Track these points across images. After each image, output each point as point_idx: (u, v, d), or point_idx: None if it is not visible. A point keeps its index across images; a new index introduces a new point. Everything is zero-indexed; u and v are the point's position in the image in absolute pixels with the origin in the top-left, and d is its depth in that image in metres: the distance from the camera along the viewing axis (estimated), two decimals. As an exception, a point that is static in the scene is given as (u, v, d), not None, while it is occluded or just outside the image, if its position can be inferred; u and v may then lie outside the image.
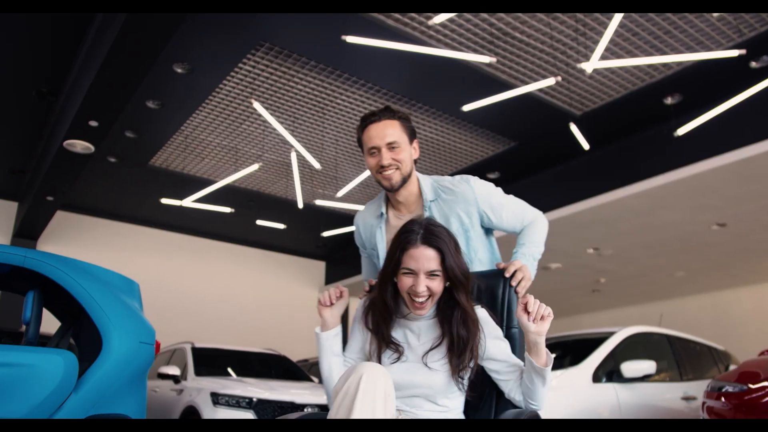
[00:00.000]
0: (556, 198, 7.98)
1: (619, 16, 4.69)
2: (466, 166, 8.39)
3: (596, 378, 4.31)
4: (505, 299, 1.94)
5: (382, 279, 1.82)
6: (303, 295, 12.11)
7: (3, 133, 7.49)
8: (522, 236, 2.14)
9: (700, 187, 6.98)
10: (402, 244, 1.74)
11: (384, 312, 1.81)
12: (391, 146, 1.98)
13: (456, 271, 1.74)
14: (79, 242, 9.76)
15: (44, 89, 6.50)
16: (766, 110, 5.99)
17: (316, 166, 7.13)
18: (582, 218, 7.98)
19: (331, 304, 1.88)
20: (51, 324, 3.53)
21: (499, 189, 2.18)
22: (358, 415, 1.48)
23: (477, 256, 2.09)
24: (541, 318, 1.69)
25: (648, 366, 4.34)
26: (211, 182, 8.28)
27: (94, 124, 5.83)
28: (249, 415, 4.93)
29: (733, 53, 4.79)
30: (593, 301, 12.90)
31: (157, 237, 10.69)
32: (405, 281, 1.73)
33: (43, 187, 7.44)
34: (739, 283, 11.27)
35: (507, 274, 1.94)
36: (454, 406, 1.80)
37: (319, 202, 8.37)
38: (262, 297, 11.38)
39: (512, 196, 2.19)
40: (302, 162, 7.84)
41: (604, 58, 5.48)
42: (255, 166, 7.24)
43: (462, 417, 1.84)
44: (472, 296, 1.85)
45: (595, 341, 4.73)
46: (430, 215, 2.04)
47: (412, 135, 2.06)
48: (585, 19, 5.41)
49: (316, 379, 6.78)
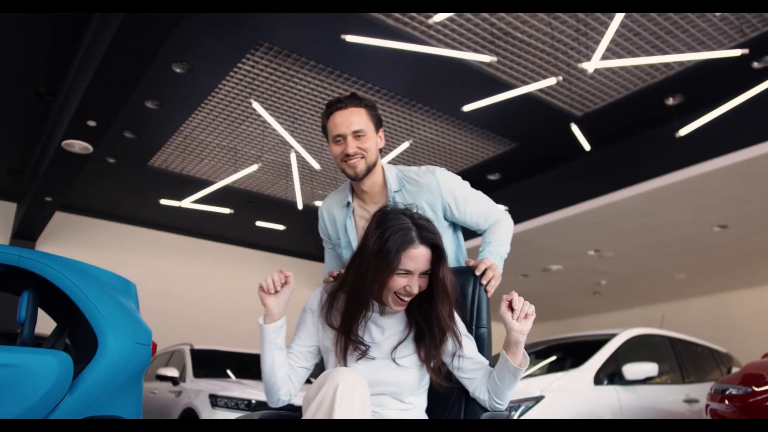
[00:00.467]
0: (557, 199, 7.95)
1: (620, 16, 4.67)
2: (466, 167, 8.36)
3: (598, 380, 4.27)
4: (475, 298, 1.91)
5: (370, 278, 1.63)
6: (302, 296, 12.03)
7: (1, 134, 7.46)
8: (488, 234, 2.11)
9: (701, 189, 6.95)
10: (399, 245, 1.60)
11: (360, 310, 1.69)
12: (357, 134, 1.93)
13: (446, 272, 1.69)
14: (78, 243, 9.73)
15: (42, 89, 6.47)
16: (769, 111, 5.96)
17: (316, 166, 7.10)
18: (583, 219, 7.95)
19: (276, 292, 1.69)
20: (48, 325, 3.50)
21: (467, 183, 2.13)
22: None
23: None
24: (525, 316, 1.66)
25: (650, 368, 4.31)
26: (210, 183, 8.25)
27: (92, 124, 5.80)
28: (247, 417, 4.89)
29: (736, 53, 4.76)
30: (594, 303, 12.86)
31: (156, 238, 10.65)
32: (398, 281, 1.62)
33: (42, 188, 7.40)
34: (740, 285, 11.23)
35: (478, 272, 1.91)
36: (418, 404, 1.76)
37: (318, 203, 8.33)
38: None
39: (479, 193, 2.14)
40: (302, 163, 7.81)
41: (605, 58, 5.44)
42: (254, 167, 7.21)
43: (424, 416, 1.79)
44: None
45: (597, 343, 4.70)
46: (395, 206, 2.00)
47: (378, 123, 2.01)
48: (586, 18, 5.38)
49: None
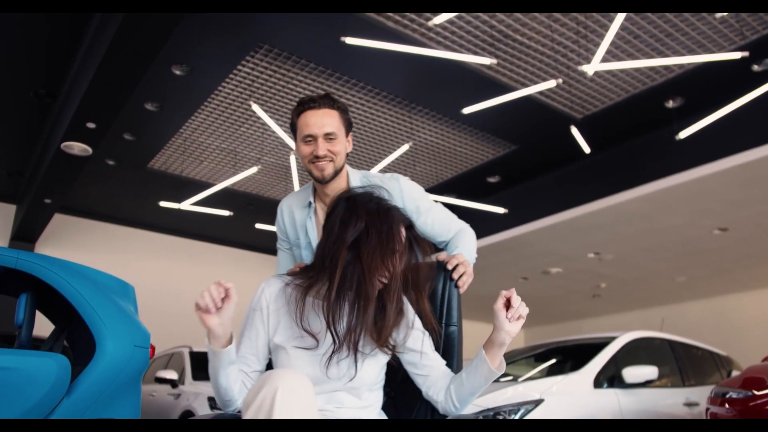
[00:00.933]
0: (557, 202, 7.94)
1: (620, 18, 4.66)
2: (466, 170, 8.36)
3: (597, 383, 4.26)
4: (446, 294, 1.83)
5: (367, 259, 1.55)
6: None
7: (0, 135, 7.45)
8: (454, 241, 2.05)
9: (701, 192, 6.95)
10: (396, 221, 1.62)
11: (303, 298, 1.61)
12: (329, 137, 1.89)
13: None
14: (77, 245, 9.72)
15: (42, 90, 6.47)
16: (769, 114, 5.96)
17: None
18: (583, 222, 7.94)
19: (217, 309, 1.45)
20: (45, 327, 3.49)
21: (429, 195, 2.10)
22: None
23: None
24: (518, 317, 1.62)
25: (650, 371, 4.29)
26: (209, 185, 8.24)
27: (91, 126, 5.79)
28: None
29: (736, 55, 4.76)
30: (594, 306, 12.85)
31: (156, 240, 10.64)
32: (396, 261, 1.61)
33: (41, 190, 7.40)
34: (740, 288, 11.22)
35: (449, 267, 1.85)
36: (375, 400, 1.66)
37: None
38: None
39: (440, 205, 2.10)
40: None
41: (605, 60, 5.44)
42: (254, 169, 7.20)
43: (383, 415, 1.70)
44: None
45: (596, 346, 4.69)
46: None
47: (349, 127, 1.98)
48: (586, 21, 5.38)
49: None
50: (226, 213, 8.36)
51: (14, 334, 5.62)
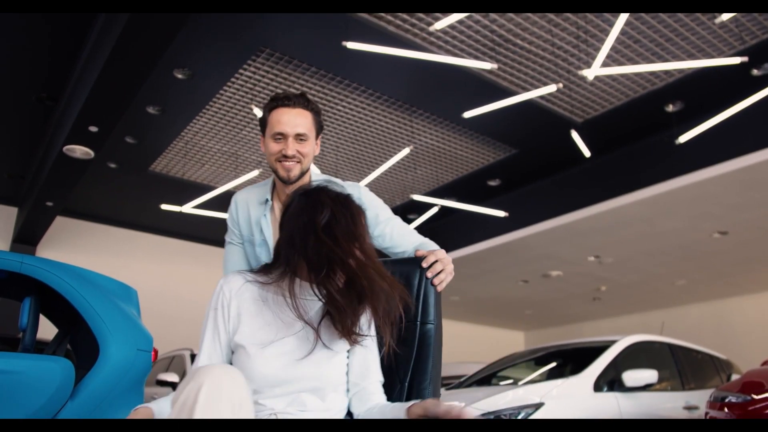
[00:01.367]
0: (557, 205, 7.96)
1: (620, 23, 4.68)
2: (466, 173, 8.38)
3: (597, 387, 4.27)
4: (421, 290, 1.76)
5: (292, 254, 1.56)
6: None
7: (2, 138, 7.48)
8: (423, 247, 1.99)
9: (701, 195, 6.97)
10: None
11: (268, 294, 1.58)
12: (299, 137, 1.87)
13: None
14: (79, 248, 9.74)
15: (44, 94, 6.49)
16: (768, 118, 5.98)
17: (316, 172, 7.10)
18: (583, 226, 7.96)
19: None
20: (48, 330, 3.50)
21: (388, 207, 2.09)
22: None
23: None
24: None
25: (650, 375, 4.31)
26: (211, 188, 8.26)
27: (93, 129, 5.82)
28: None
29: (735, 60, 4.78)
30: (594, 309, 12.86)
31: (157, 243, 10.66)
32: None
33: (43, 193, 7.42)
34: (740, 291, 11.24)
35: (425, 264, 1.78)
36: (339, 403, 1.57)
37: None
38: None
39: (399, 218, 2.06)
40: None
41: (605, 65, 5.47)
42: (255, 172, 7.23)
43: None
44: None
45: (597, 350, 4.70)
46: None
47: (320, 130, 1.96)
48: (586, 26, 5.41)
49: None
50: (227, 216, 8.36)
51: (15, 337, 5.64)
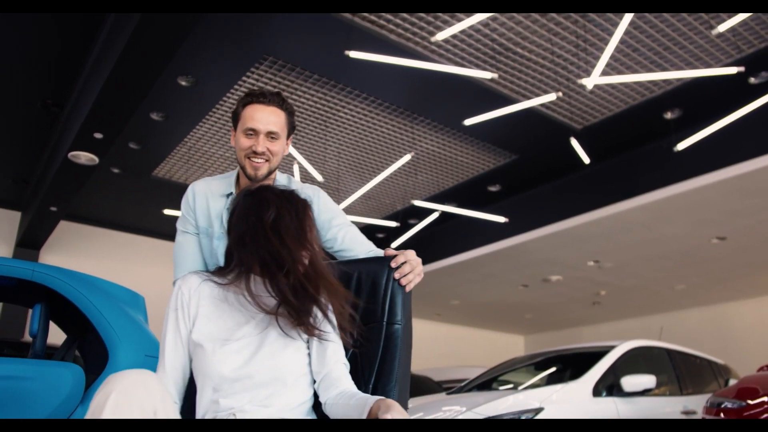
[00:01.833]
0: (557, 211, 8.02)
1: (619, 32, 4.74)
2: (467, 179, 8.44)
3: (596, 392, 4.33)
4: (389, 290, 1.76)
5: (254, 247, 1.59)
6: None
7: (7, 144, 7.55)
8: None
9: (700, 202, 7.03)
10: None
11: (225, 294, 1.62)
12: (271, 135, 1.88)
13: None
14: (82, 252, 9.80)
15: (49, 100, 6.56)
16: (766, 125, 6.04)
17: (319, 178, 7.18)
18: (582, 231, 8.02)
19: None
20: (53, 335, 3.56)
21: (345, 214, 2.13)
22: None
23: None
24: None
25: (648, 380, 4.36)
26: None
27: (99, 136, 5.88)
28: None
29: (732, 70, 4.85)
30: (594, 314, 12.92)
31: (159, 247, 10.71)
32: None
33: (47, 198, 7.49)
34: (739, 296, 11.29)
35: (394, 264, 1.78)
36: (303, 396, 1.58)
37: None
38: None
39: (355, 226, 2.12)
40: (304, 174, 7.89)
41: (604, 73, 5.54)
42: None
43: (312, 414, 1.61)
44: (350, 286, 1.78)
45: (595, 355, 4.76)
46: None
47: (291, 130, 1.97)
48: (586, 35, 5.48)
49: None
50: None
51: (23, 341, 5.70)
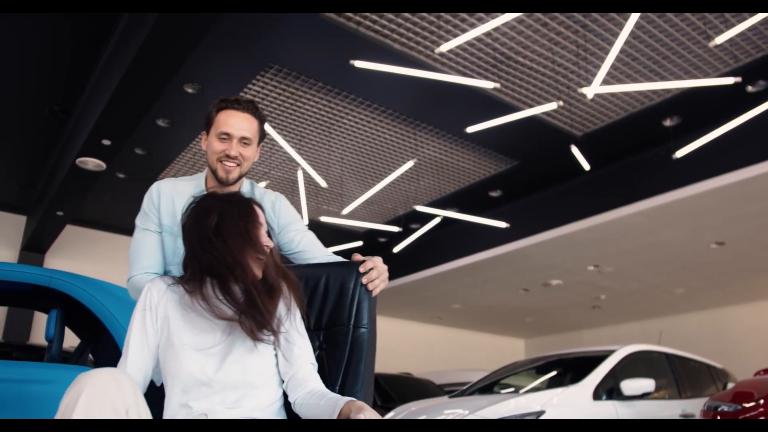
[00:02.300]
0: (558, 216, 8.11)
1: (620, 42, 4.82)
2: (468, 185, 8.53)
3: (597, 396, 4.41)
4: (356, 294, 1.81)
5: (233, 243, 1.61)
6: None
7: (14, 149, 7.64)
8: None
9: (699, 207, 7.12)
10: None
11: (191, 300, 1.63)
12: (244, 141, 1.94)
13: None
14: (87, 256, 9.88)
15: (57, 107, 6.66)
16: (764, 133, 6.13)
17: (323, 184, 7.27)
18: (583, 236, 8.11)
19: None
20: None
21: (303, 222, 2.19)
22: None
23: None
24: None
25: (647, 384, 4.44)
26: (217, 198, 8.41)
27: (106, 143, 5.98)
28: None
29: (729, 81, 4.94)
30: (593, 317, 13.00)
31: (163, 251, 10.80)
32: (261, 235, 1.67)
33: (54, 202, 7.58)
34: (738, 300, 11.38)
35: (362, 269, 1.82)
36: (272, 397, 1.61)
37: (325, 219, 8.50)
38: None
39: (313, 234, 2.17)
40: (308, 179, 7.98)
41: (604, 82, 5.63)
42: (263, 184, 7.37)
43: (282, 414, 1.64)
44: (318, 289, 1.83)
45: (596, 359, 4.84)
46: None
47: (262, 138, 2.03)
48: (586, 44, 5.58)
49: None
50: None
51: (29, 345, 5.78)
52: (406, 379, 8.18)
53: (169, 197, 2.00)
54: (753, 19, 4.52)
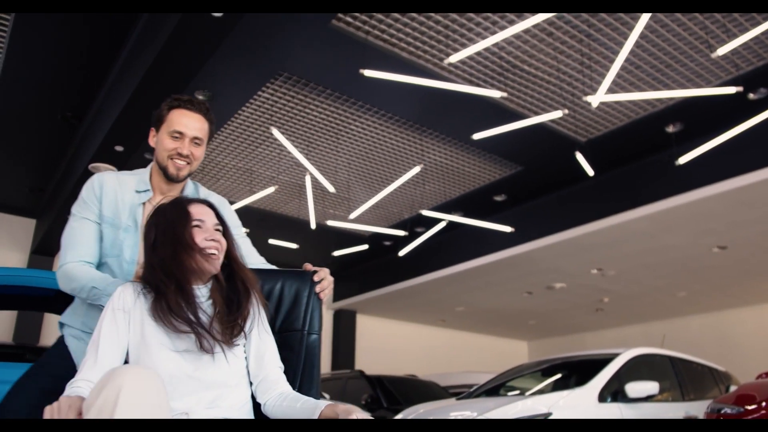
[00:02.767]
0: (562, 220, 8.21)
1: (625, 51, 4.91)
2: (473, 189, 8.64)
3: (602, 398, 4.51)
4: (310, 303, 1.89)
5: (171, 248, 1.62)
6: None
7: (24, 153, 7.75)
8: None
9: (701, 213, 7.22)
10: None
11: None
12: (196, 141, 1.98)
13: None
14: (95, 259, 9.98)
15: (69, 113, 6.77)
16: (765, 139, 6.23)
17: (331, 189, 7.37)
18: (586, 240, 8.20)
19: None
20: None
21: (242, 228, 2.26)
22: None
23: None
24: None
25: (651, 387, 4.53)
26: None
27: (119, 149, 6.09)
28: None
29: (731, 90, 5.03)
30: (596, 320, 13.09)
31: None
32: (198, 234, 1.66)
33: (65, 207, 7.69)
34: (740, 303, 11.47)
35: (317, 278, 1.91)
36: (245, 394, 1.65)
37: (331, 222, 8.60)
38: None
39: (249, 241, 2.23)
40: (316, 184, 8.09)
41: (609, 90, 5.73)
42: (271, 189, 7.48)
43: (251, 414, 1.66)
44: (273, 294, 1.88)
45: (600, 362, 4.93)
46: None
47: (210, 138, 2.09)
48: (590, 53, 5.68)
49: (327, 395, 6.98)
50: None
51: (36, 346, 5.88)
52: (411, 381, 8.27)
53: (113, 190, 2.00)
54: (755, 31, 4.61)
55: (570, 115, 6.67)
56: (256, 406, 1.68)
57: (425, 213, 8.29)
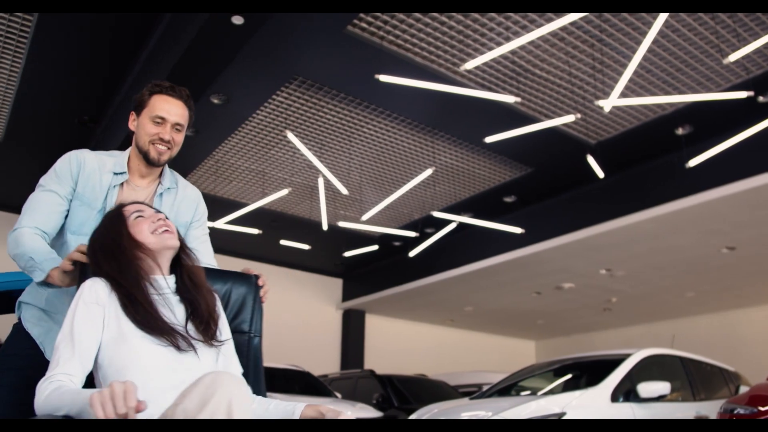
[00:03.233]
0: (571, 222, 8.27)
1: (638, 57, 4.97)
2: (483, 190, 8.71)
3: (614, 398, 4.57)
4: (256, 305, 1.93)
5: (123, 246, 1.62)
6: (322, 311, 12.54)
7: (40, 156, 7.84)
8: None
9: (709, 214, 7.27)
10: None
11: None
12: (177, 127, 2.01)
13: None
14: (108, 259, 10.07)
15: (86, 117, 6.88)
16: (774, 142, 6.29)
17: (344, 191, 7.46)
18: (595, 241, 8.26)
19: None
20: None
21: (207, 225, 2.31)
22: None
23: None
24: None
25: (663, 387, 4.59)
26: (238, 203, 8.62)
27: (136, 152, 6.17)
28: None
29: (741, 95, 5.09)
30: (604, 320, 13.14)
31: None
32: (143, 226, 1.65)
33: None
34: (748, 303, 11.51)
35: (261, 282, 1.96)
36: None
37: (343, 224, 8.69)
38: (282, 313, 11.66)
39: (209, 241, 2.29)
40: (329, 185, 8.18)
41: (621, 95, 5.80)
42: (285, 191, 7.57)
43: None
44: (221, 295, 1.86)
45: (612, 363, 4.98)
46: (160, 201, 2.08)
47: (190, 125, 2.12)
48: (602, 57, 5.75)
49: (339, 394, 7.08)
50: (255, 231, 8.69)
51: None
52: (421, 380, 8.36)
53: (93, 170, 2.00)
54: (766, 38, 4.67)
55: (581, 118, 6.74)
56: None
57: (435, 214, 8.37)
